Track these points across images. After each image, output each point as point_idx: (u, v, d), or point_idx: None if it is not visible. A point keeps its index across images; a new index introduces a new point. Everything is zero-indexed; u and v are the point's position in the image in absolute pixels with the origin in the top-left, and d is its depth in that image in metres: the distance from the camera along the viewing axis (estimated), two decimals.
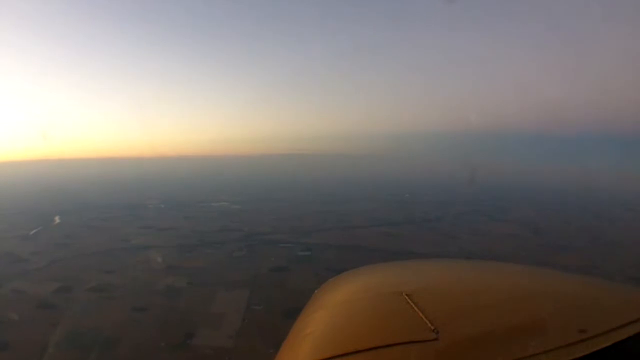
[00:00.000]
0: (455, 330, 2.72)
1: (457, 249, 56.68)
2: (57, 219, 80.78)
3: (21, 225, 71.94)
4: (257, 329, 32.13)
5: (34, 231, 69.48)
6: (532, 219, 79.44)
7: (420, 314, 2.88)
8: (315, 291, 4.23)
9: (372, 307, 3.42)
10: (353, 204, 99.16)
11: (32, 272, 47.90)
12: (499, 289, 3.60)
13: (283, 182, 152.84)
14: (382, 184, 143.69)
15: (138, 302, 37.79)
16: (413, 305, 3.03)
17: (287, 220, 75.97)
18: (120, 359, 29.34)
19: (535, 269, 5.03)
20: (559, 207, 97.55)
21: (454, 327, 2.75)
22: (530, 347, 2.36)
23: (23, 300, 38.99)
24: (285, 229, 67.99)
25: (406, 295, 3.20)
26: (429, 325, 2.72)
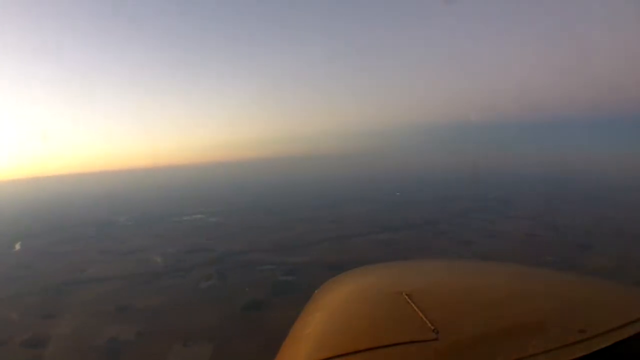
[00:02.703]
0: (455, 330, 2.71)
1: (474, 256, 48.52)
2: (17, 245, 76.31)
3: None
4: None
5: None
6: (544, 214, 73.52)
7: (420, 314, 2.87)
8: (315, 291, 4.07)
9: (372, 307, 3.40)
10: (345, 207, 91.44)
11: None
12: (499, 289, 3.57)
13: (268, 188, 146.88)
14: (376, 184, 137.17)
15: None
16: (413, 305, 3.01)
17: (268, 233, 66.56)
18: None
19: (535, 269, 4.78)
20: (568, 198, 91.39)
21: (454, 327, 2.75)
22: (530, 347, 2.36)
23: None
24: (266, 245, 58.40)
25: (406, 295, 3.19)
26: (429, 325, 2.71)
